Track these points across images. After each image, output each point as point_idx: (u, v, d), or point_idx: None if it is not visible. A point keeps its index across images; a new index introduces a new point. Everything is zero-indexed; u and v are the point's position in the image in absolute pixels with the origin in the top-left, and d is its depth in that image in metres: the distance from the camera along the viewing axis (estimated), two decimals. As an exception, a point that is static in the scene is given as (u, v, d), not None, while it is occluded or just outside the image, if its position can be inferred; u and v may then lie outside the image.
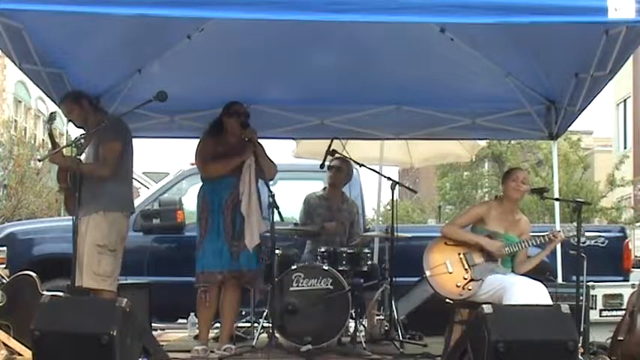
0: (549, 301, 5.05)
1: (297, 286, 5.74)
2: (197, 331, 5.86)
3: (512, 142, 24.92)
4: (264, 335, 5.83)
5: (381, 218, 8.97)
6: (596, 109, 39.07)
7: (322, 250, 6.09)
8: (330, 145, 6.25)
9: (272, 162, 5.73)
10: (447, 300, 5.30)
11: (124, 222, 5.45)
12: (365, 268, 6.15)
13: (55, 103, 5.97)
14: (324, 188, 6.73)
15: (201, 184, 5.83)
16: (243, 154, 5.62)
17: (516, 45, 5.81)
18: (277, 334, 5.43)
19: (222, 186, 5.61)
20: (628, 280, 7.13)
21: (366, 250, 6.27)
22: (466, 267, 5.26)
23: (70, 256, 4.93)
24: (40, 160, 18.38)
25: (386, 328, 6.15)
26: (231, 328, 5.74)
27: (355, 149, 6.81)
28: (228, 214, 5.56)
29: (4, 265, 6.79)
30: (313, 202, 6.62)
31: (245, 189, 5.55)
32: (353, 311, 5.85)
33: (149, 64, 6.30)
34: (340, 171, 6.55)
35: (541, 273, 5.62)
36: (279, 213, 5.30)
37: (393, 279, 6.05)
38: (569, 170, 24.12)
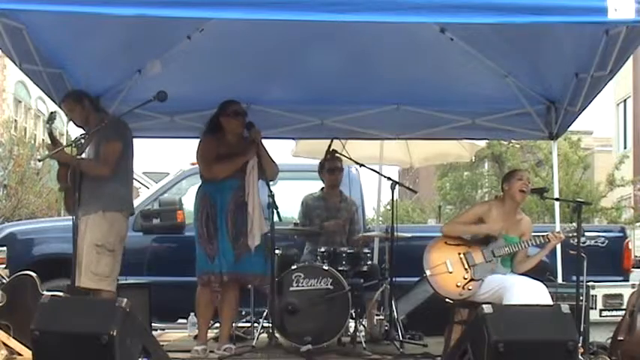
0: (549, 301, 5.05)
1: (297, 286, 5.74)
2: (197, 331, 5.85)
3: (512, 142, 24.91)
4: (264, 335, 5.83)
5: (381, 218, 8.96)
6: (596, 109, 39.07)
7: (322, 250, 6.09)
8: (330, 145, 6.25)
9: (274, 162, 5.71)
10: (447, 300, 5.30)
11: (124, 222, 5.44)
12: (365, 268, 6.16)
13: (55, 103, 5.97)
14: (322, 188, 6.73)
15: (199, 184, 5.80)
16: (246, 154, 5.59)
17: (516, 45, 5.81)
18: (277, 334, 5.44)
19: (225, 187, 5.56)
20: (628, 280, 7.13)
21: (366, 250, 6.28)
22: (466, 267, 5.26)
23: (69, 256, 4.93)
24: (40, 160, 18.35)
25: (386, 328, 6.15)
26: (230, 328, 5.73)
27: (355, 149, 6.81)
28: (231, 216, 5.52)
29: (4, 265, 6.78)
30: (311, 203, 6.64)
31: (250, 190, 5.54)
32: (353, 311, 5.86)
33: (149, 64, 6.30)
34: (334, 172, 6.57)
35: (541, 273, 5.62)
36: (278, 213, 5.30)
37: (393, 279, 6.05)
38: (569, 170, 24.12)
